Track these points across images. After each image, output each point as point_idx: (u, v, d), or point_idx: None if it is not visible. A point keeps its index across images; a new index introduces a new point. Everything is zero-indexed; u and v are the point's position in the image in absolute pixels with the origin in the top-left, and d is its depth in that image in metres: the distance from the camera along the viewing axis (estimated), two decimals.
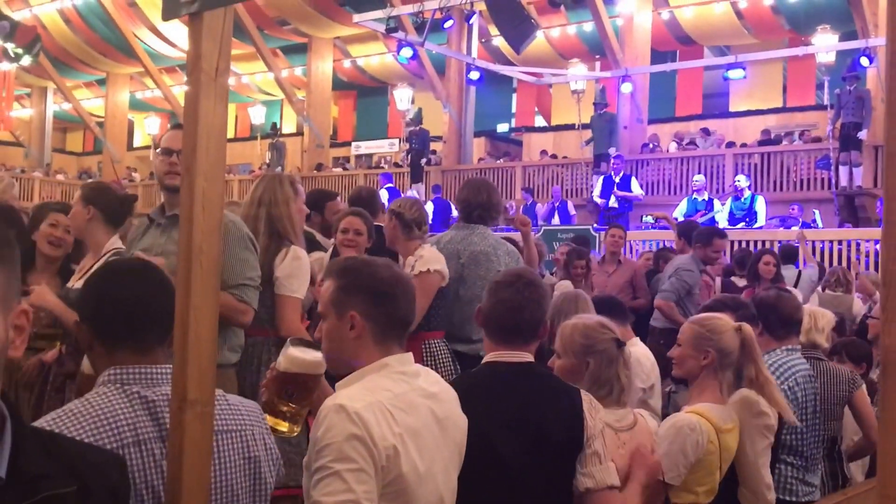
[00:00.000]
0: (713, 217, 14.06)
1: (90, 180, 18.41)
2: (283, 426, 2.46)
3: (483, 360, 2.83)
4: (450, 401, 2.42)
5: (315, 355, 2.47)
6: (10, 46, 22.07)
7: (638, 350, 4.74)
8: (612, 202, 15.19)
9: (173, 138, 3.81)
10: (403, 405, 2.21)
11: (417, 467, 2.17)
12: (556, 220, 17.14)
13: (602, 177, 16.79)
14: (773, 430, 3.64)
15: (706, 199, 14.69)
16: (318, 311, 2.41)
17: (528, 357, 2.80)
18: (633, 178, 16.58)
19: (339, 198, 6.29)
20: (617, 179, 16.05)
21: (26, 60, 23.27)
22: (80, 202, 4.23)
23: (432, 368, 4.39)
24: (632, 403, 4.54)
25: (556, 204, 17.65)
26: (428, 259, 4.67)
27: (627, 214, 15.40)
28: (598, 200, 16.51)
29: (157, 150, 3.97)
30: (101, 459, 1.65)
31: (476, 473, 2.58)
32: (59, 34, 28.72)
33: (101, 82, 32.68)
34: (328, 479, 2.04)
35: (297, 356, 2.49)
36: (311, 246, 5.20)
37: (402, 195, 13.22)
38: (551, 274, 8.58)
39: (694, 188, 15.00)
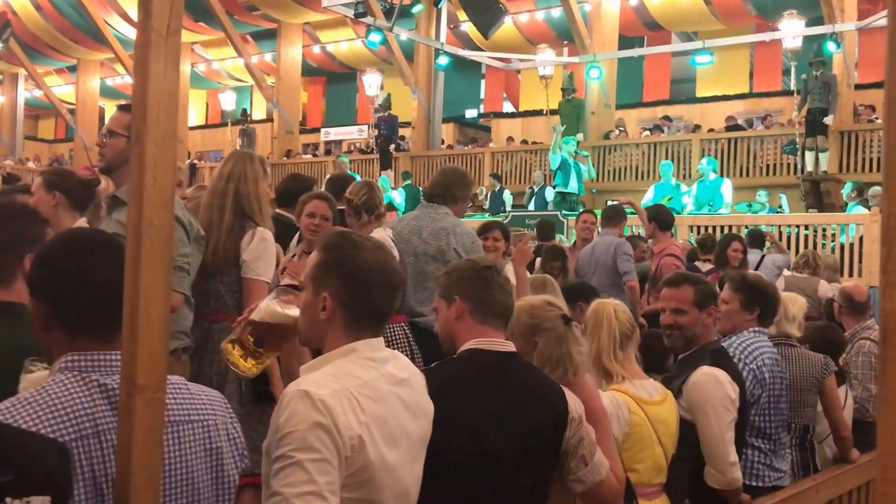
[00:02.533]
0: (680, 202, 14.09)
1: (51, 166, 18.16)
2: (246, 364, 2.42)
3: (466, 347, 2.74)
4: (418, 387, 2.35)
5: (295, 313, 2.40)
6: None
7: None
8: (571, 187, 15.14)
9: (112, 119, 3.72)
10: (371, 393, 2.14)
11: (384, 457, 2.10)
12: (531, 205, 17.09)
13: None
14: (735, 404, 3.64)
15: (674, 184, 14.72)
16: (301, 280, 2.34)
17: (512, 346, 2.76)
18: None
19: (314, 185, 6.21)
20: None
21: None
22: (43, 188, 4.15)
23: None
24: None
25: (536, 189, 17.59)
26: None
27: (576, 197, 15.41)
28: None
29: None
30: (41, 448, 1.57)
31: (461, 465, 2.55)
32: (30, 20, 28.45)
33: (72, 69, 32.35)
34: (289, 469, 1.97)
35: (276, 310, 2.43)
36: (291, 231, 5.14)
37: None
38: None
39: (664, 174, 15.01)
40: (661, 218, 8.09)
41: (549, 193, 16.77)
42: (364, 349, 2.21)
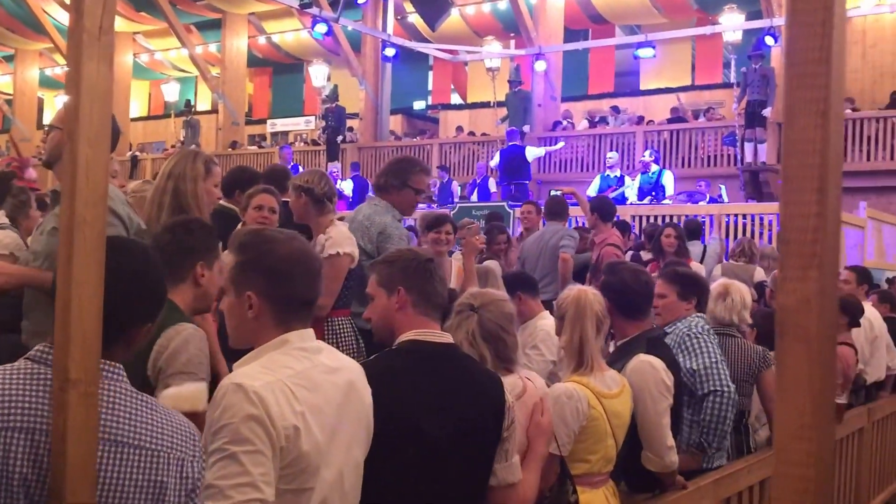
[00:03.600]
0: (623, 193, 14.25)
1: None
2: None
3: (405, 338, 2.76)
4: (354, 377, 2.36)
5: (194, 386, 2.40)
6: None
7: (547, 323, 4.79)
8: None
9: (56, 113, 3.72)
10: (305, 382, 2.15)
11: (319, 445, 2.12)
12: (474, 196, 17.14)
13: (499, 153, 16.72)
14: (670, 391, 3.72)
15: (618, 175, 14.88)
16: (222, 286, 2.35)
17: (450, 338, 2.80)
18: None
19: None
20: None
21: None
22: None
23: (334, 346, 4.37)
24: (541, 374, 4.61)
25: (479, 180, 17.65)
26: (337, 240, 4.53)
27: (526, 186, 15.48)
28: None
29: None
30: None
31: (401, 455, 2.58)
32: None
33: (10, 59, 31.72)
34: (224, 462, 1.98)
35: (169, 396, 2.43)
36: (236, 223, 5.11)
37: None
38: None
39: (608, 165, 15.17)
40: (603, 209, 8.22)
41: (492, 184, 16.90)
42: (296, 340, 2.22)
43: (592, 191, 14.47)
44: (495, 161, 15.59)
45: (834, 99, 1.24)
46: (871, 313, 7.37)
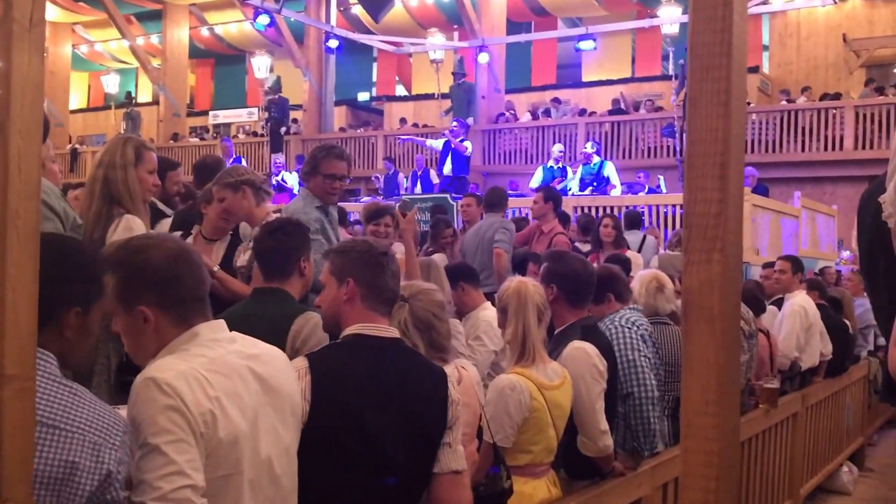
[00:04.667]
0: (567, 185, 14.37)
1: None
2: None
3: (350, 331, 2.74)
4: (275, 361, 2.36)
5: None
6: None
7: (489, 314, 4.83)
8: (447, 169, 15.29)
9: None
10: (220, 368, 2.15)
11: (240, 429, 2.12)
12: (418, 188, 17.14)
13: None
14: (604, 376, 3.79)
15: (561, 167, 15.00)
16: (107, 307, 2.23)
17: (395, 332, 2.79)
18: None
19: (180, 168, 6.07)
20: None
21: None
22: None
23: None
24: (483, 366, 4.67)
25: (420, 173, 17.67)
26: None
27: (466, 179, 15.57)
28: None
29: None
30: None
31: (344, 449, 2.57)
32: None
33: None
34: (148, 456, 1.98)
35: None
36: (155, 215, 5.05)
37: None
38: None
39: (554, 157, 15.28)
40: (557, 198, 8.36)
41: (433, 176, 16.95)
42: (206, 332, 2.22)
43: (535, 182, 14.55)
44: (438, 144, 15.57)
45: (735, 90, 1.31)
46: (806, 302, 7.55)
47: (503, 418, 3.37)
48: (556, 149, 15.62)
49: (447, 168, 15.06)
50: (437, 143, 15.84)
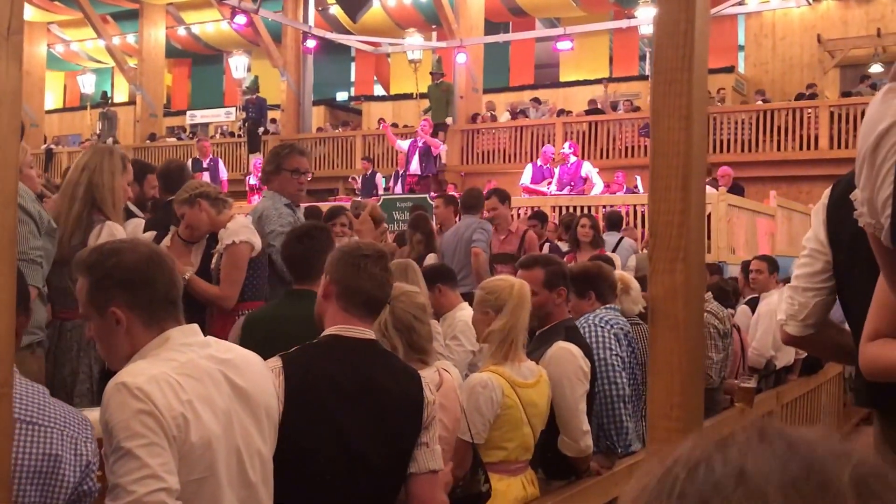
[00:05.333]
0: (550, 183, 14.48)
1: None
2: None
3: (326, 332, 2.77)
4: (248, 365, 2.36)
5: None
6: None
7: (466, 314, 4.85)
8: (414, 167, 15.34)
9: None
10: (191, 371, 2.16)
11: (213, 432, 2.14)
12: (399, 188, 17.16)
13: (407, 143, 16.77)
14: (587, 377, 3.84)
15: (549, 166, 15.11)
16: (81, 312, 2.30)
17: (371, 334, 2.80)
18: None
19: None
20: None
21: None
22: None
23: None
24: (461, 366, 4.70)
25: (401, 172, 17.68)
26: (233, 231, 4.51)
27: (430, 178, 15.62)
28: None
29: None
30: None
31: (315, 450, 2.60)
32: None
33: None
34: (122, 460, 1.98)
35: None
36: (127, 215, 5.06)
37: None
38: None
39: (543, 156, 15.35)
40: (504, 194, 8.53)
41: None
42: (178, 336, 2.23)
43: (525, 180, 14.68)
44: (405, 144, 15.63)
45: (696, 104, 1.34)
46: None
47: (474, 415, 3.40)
48: (547, 148, 15.73)
49: (414, 166, 15.08)
50: (404, 144, 15.90)
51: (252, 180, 17.53)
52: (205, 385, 2.16)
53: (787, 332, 2.26)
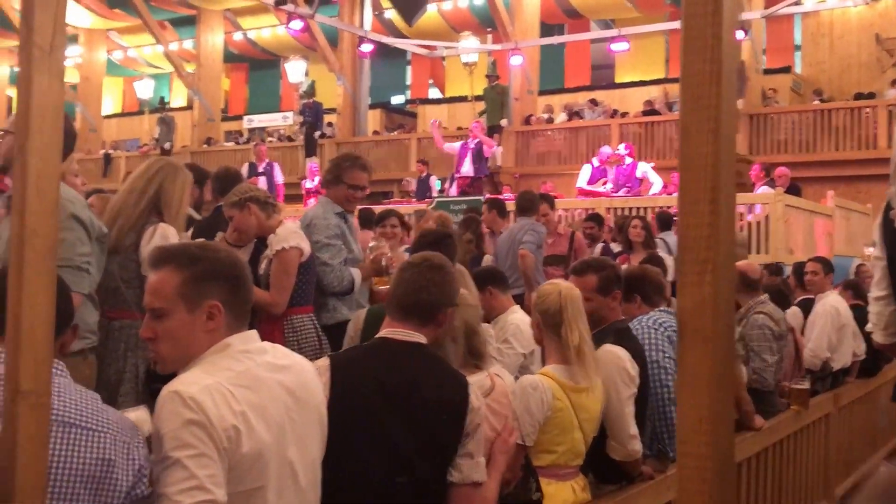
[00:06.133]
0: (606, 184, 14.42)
1: None
2: None
3: (377, 335, 2.85)
4: (303, 373, 2.37)
5: (135, 413, 2.42)
6: None
7: (518, 317, 4.87)
8: (466, 169, 15.33)
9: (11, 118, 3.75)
10: (246, 381, 2.15)
11: (267, 443, 2.14)
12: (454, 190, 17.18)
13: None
14: (634, 381, 3.81)
15: (606, 166, 15.05)
16: (151, 308, 2.23)
17: (421, 338, 2.82)
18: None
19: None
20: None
21: None
22: None
23: (295, 344, 4.40)
24: (512, 369, 4.70)
25: (457, 175, 17.69)
26: (282, 236, 4.58)
27: (482, 180, 15.60)
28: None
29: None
30: None
31: (357, 447, 2.63)
32: None
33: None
34: (170, 470, 1.99)
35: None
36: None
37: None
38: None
39: (600, 157, 15.28)
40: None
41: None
42: (238, 343, 2.22)
43: (582, 181, 14.64)
44: (455, 146, 15.64)
45: (724, 118, 1.33)
46: (838, 302, 7.54)
47: (524, 416, 3.40)
48: (603, 148, 15.65)
49: (466, 168, 15.06)
50: (455, 145, 15.91)
51: (308, 184, 17.67)
52: (259, 395, 2.16)
53: (875, 340, 2.23)
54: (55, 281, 1.83)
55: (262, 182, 15.60)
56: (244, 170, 15.86)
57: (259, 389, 2.17)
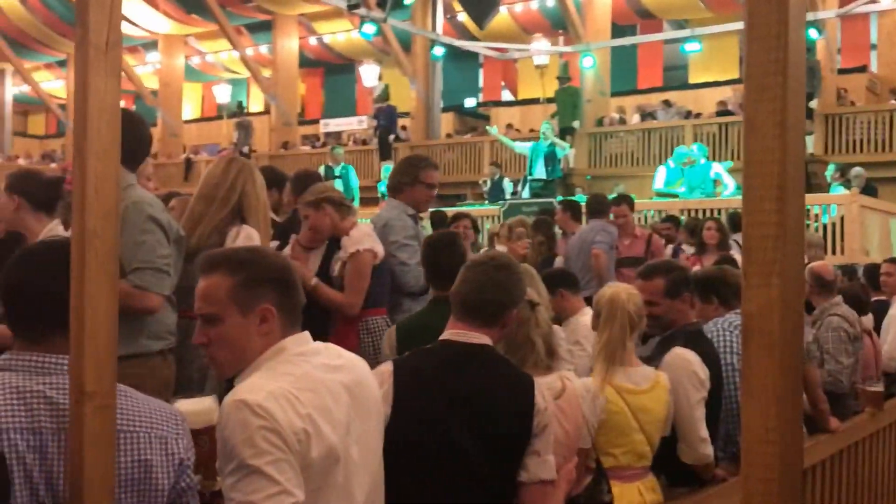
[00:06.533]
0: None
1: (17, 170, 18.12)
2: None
3: (440, 338, 2.83)
4: (357, 370, 2.35)
5: (207, 402, 2.41)
6: None
7: (588, 319, 4.81)
8: (539, 172, 15.22)
9: None
10: (308, 384, 2.14)
11: (332, 443, 2.13)
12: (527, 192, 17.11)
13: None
14: (704, 385, 3.75)
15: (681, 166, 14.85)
16: (204, 314, 2.24)
17: (486, 339, 2.80)
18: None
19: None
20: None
21: None
22: (5, 192, 4.10)
23: (370, 346, 4.44)
24: (582, 370, 4.66)
25: (529, 177, 17.62)
26: (356, 239, 4.60)
27: (554, 183, 15.49)
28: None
29: None
30: None
31: (424, 452, 2.63)
32: (15, 14, 27.53)
33: (62, 63, 31.65)
34: (249, 478, 1.98)
35: (190, 409, 2.41)
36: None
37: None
38: None
39: (677, 158, 15.08)
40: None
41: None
42: (292, 346, 2.21)
43: (660, 182, 14.47)
44: (526, 148, 15.57)
45: (791, 111, 1.26)
46: None
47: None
48: (679, 149, 15.47)
49: (539, 171, 15.00)
50: (525, 147, 15.83)
51: (383, 187, 17.78)
52: (322, 397, 2.15)
53: None
54: (117, 283, 1.83)
55: (338, 185, 15.74)
56: (321, 172, 16.01)
57: (321, 391, 2.16)
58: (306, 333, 2.29)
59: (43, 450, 1.84)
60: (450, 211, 10.47)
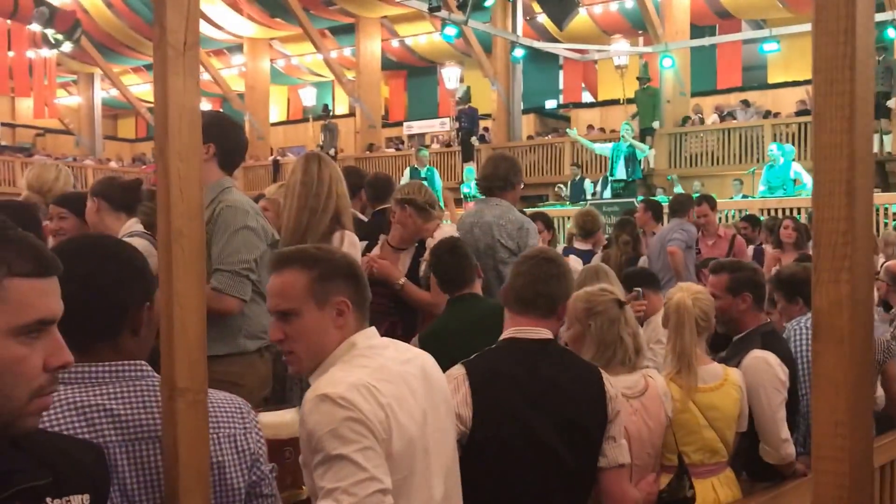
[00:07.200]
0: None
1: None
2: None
3: (502, 337, 2.87)
4: (425, 363, 2.39)
5: (290, 414, 2.44)
6: (49, 32, 21.68)
7: None
8: (619, 172, 15.08)
9: None
10: (385, 376, 2.18)
11: (412, 432, 2.18)
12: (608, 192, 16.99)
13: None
14: (785, 386, 3.74)
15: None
16: (281, 310, 2.25)
17: (547, 333, 2.85)
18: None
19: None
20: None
21: (67, 46, 22.88)
22: (89, 197, 4.31)
23: None
24: (662, 369, 4.65)
25: (610, 177, 17.49)
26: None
27: (635, 183, 15.32)
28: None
29: None
30: (75, 449, 1.59)
31: (510, 450, 2.68)
32: (103, 19, 27.90)
33: (149, 67, 31.53)
34: (337, 466, 2.01)
35: (274, 421, 2.44)
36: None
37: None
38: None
39: (771, 157, 14.84)
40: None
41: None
42: (362, 341, 2.25)
43: (764, 182, 14.32)
44: (606, 148, 15.47)
45: (860, 104, 1.26)
46: None
47: None
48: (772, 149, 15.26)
49: (619, 171, 14.91)
50: (605, 148, 15.72)
51: (465, 189, 17.84)
52: (399, 387, 2.20)
53: None
54: (204, 281, 1.86)
55: None
56: (406, 174, 16.15)
57: (397, 382, 2.21)
58: (373, 328, 2.33)
59: (112, 465, 1.76)
60: (528, 211, 10.46)
